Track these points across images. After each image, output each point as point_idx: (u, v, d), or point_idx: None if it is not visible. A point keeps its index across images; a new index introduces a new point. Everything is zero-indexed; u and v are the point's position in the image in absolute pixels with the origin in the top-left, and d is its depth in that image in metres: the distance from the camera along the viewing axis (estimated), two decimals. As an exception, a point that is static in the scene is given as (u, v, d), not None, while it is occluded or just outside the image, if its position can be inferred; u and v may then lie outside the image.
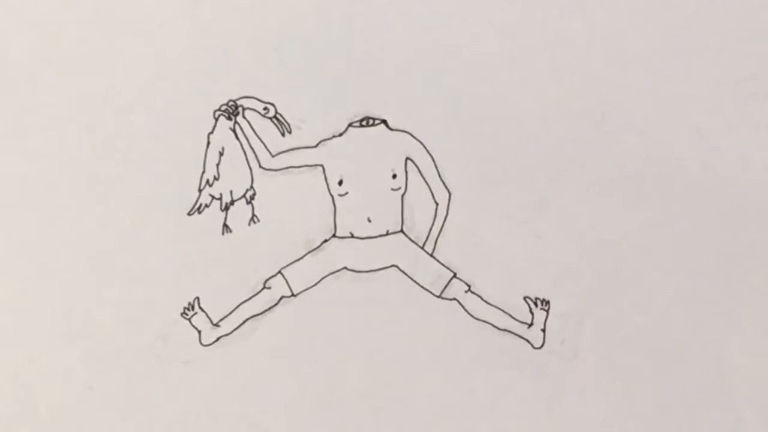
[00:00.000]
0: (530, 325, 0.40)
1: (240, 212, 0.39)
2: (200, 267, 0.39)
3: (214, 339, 0.39)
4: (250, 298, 0.39)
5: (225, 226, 0.39)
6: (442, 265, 0.40)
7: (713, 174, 0.39)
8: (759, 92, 0.40)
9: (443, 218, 0.40)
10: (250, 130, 0.39)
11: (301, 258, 0.40)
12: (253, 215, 0.40)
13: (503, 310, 0.40)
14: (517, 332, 0.40)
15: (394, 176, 0.40)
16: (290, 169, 0.40)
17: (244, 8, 0.39)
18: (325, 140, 0.40)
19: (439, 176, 0.40)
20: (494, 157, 0.40)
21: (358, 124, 0.40)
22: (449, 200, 0.40)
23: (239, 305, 0.39)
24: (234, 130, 0.39)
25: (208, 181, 0.39)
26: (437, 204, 0.40)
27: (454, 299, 0.40)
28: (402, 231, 0.40)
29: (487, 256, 0.40)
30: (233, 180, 0.39)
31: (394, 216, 0.40)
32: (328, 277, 0.40)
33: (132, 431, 0.39)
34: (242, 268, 0.39)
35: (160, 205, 0.39)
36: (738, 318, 0.40)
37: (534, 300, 0.40)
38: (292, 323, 0.39)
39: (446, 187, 0.40)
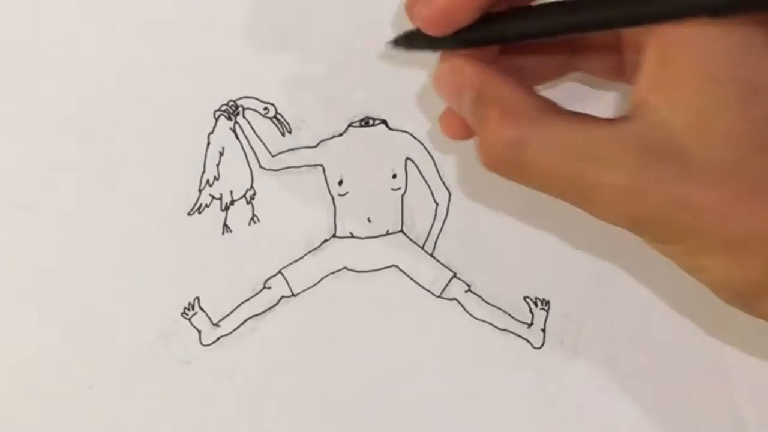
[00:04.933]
0: (530, 325, 0.40)
1: (240, 212, 0.39)
2: (200, 267, 0.39)
3: (214, 339, 0.39)
4: (250, 298, 0.39)
5: (225, 226, 0.39)
6: (442, 265, 0.40)
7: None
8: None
9: (443, 218, 0.40)
10: (250, 130, 0.39)
11: (301, 258, 0.40)
12: (253, 215, 0.40)
13: (503, 310, 0.40)
14: (517, 332, 0.40)
15: (394, 176, 0.40)
16: (290, 169, 0.40)
17: (244, 8, 0.39)
18: (325, 140, 0.40)
19: (439, 176, 0.40)
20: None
21: (358, 124, 0.40)
22: (449, 200, 0.40)
23: (239, 305, 0.39)
24: (234, 130, 0.39)
25: (208, 181, 0.39)
26: (437, 204, 0.40)
27: (454, 299, 0.40)
28: (402, 231, 0.40)
29: (487, 256, 0.40)
30: (233, 180, 0.39)
31: (394, 216, 0.40)
32: (328, 277, 0.40)
33: (132, 431, 0.39)
34: (242, 268, 0.39)
35: (160, 205, 0.39)
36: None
37: (534, 300, 0.40)
38: (292, 323, 0.39)
39: (446, 187, 0.40)
